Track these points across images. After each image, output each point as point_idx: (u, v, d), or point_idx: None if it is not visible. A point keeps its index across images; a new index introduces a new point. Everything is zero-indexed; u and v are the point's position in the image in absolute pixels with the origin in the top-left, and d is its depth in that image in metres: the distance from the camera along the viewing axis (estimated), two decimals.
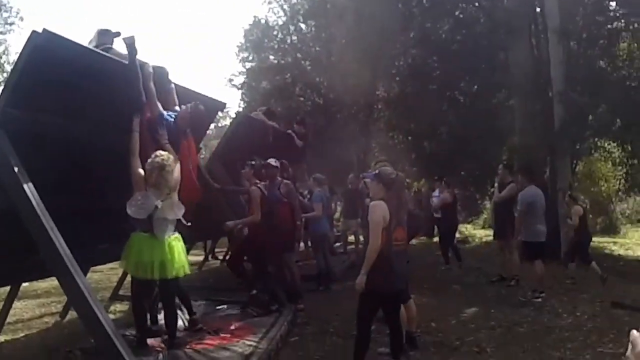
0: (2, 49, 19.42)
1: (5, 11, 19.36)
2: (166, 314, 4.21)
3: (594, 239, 8.99)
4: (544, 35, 10.86)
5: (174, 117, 4.35)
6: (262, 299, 5.49)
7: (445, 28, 13.78)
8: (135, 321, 4.22)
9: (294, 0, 19.35)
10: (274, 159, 6.08)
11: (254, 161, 6.07)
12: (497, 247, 8.43)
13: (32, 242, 3.34)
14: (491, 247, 10.35)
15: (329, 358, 4.49)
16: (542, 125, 10.36)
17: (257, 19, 19.96)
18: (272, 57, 19.89)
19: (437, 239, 10.35)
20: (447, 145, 14.66)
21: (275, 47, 19.74)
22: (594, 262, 7.63)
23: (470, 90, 14.93)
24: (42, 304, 6.56)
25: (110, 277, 7.65)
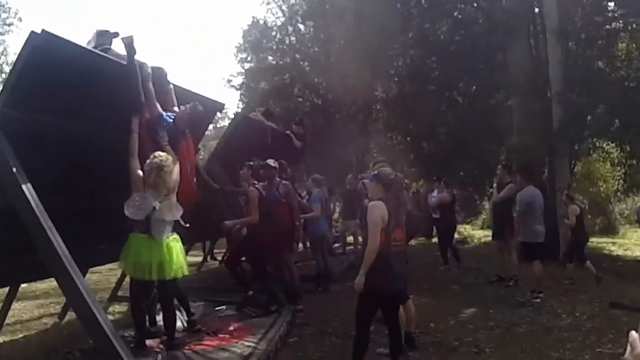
0: (0, 49, 19.45)
1: (4, 12, 19.38)
2: (165, 315, 4.20)
3: (592, 240, 9.01)
4: (542, 36, 10.84)
5: (172, 117, 4.35)
6: (260, 299, 5.48)
7: (443, 28, 13.75)
8: (134, 322, 4.23)
9: (292, 0, 19.33)
10: (272, 160, 6.08)
11: (253, 162, 6.07)
12: (496, 248, 8.42)
13: (30, 243, 3.34)
14: (490, 248, 10.34)
15: (328, 359, 4.50)
16: (540, 125, 10.33)
17: (256, 19, 20.00)
18: (271, 57, 19.85)
19: (435, 240, 10.33)
20: (445, 145, 14.62)
21: (274, 47, 19.71)
22: (588, 262, 7.64)
23: (469, 90, 14.90)
24: (41, 305, 6.56)
25: (109, 278, 7.65)
